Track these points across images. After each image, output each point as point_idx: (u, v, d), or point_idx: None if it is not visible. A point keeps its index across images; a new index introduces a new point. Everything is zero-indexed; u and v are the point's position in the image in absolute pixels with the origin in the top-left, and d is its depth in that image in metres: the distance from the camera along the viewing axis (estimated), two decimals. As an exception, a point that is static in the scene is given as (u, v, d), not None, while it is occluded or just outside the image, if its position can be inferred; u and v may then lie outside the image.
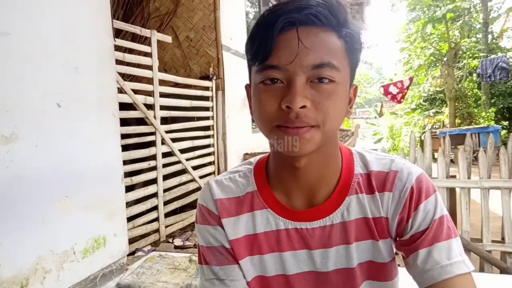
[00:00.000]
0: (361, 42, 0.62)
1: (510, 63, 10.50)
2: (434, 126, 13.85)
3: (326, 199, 0.68)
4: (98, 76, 2.06)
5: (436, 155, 3.11)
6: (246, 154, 4.52)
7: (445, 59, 13.96)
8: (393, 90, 9.71)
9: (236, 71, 4.39)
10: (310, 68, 0.56)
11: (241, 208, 0.71)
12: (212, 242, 0.71)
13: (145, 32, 2.96)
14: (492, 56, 11.43)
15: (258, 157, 0.77)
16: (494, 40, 14.88)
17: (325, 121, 0.58)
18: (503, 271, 2.83)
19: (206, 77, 3.87)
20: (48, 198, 1.71)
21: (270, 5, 6.33)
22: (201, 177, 3.66)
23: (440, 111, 14.31)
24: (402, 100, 9.98)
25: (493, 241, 3.03)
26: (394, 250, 0.71)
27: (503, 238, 3.02)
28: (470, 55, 13.99)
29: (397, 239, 0.68)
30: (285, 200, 0.69)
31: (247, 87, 0.70)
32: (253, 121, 5.32)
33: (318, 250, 0.68)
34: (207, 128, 3.83)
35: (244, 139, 4.55)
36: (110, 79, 2.19)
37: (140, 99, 2.83)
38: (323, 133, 0.59)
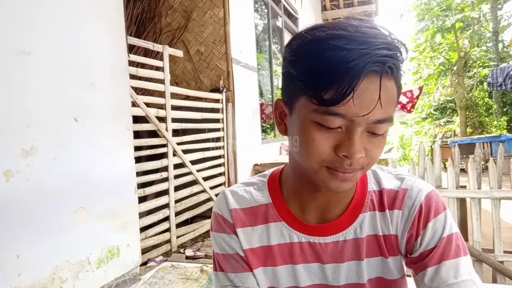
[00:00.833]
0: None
1: (522, 72, 10.37)
2: (445, 136, 13.70)
3: (340, 215, 0.69)
4: (112, 91, 2.14)
5: (447, 164, 3.09)
6: (256, 164, 4.56)
7: (455, 68, 13.88)
8: (403, 99, 9.63)
9: (246, 84, 4.47)
10: (374, 122, 0.55)
11: (255, 220, 0.72)
12: (228, 250, 0.73)
13: (158, 47, 3.05)
14: (503, 64, 11.32)
15: (271, 170, 0.79)
16: (504, 49, 14.76)
17: (370, 165, 0.59)
18: (517, 282, 2.78)
19: (216, 90, 3.95)
20: (65, 209, 1.77)
21: (279, 18, 6.43)
22: (211, 187, 3.70)
23: (451, 120, 14.17)
24: (412, 109, 9.88)
25: (505, 252, 2.98)
26: (405, 267, 0.72)
27: (516, 249, 2.98)
28: (480, 64, 13.88)
29: (407, 256, 0.69)
30: (299, 214, 0.70)
31: (280, 103, 0.64)
32: (263, 132, 5.37)
33: (330, 265, 0.69)
34: (217, 139, 3.89)
35: (253, 150, 4.60)
36: (124, 93, 2.27)
37: (152, 112, 2.91)
38: (364, 172, 0.61)
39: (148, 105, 2.89)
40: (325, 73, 0.52)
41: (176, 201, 3.23)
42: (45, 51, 1.69)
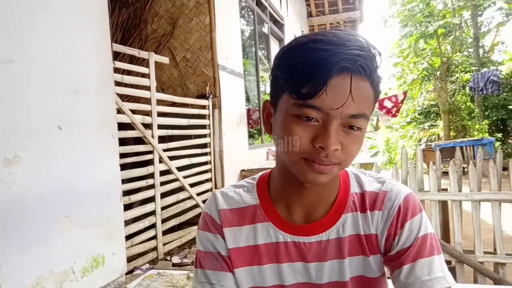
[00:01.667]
0: (380, 88, 0.66)
1: (501, 77, 10.69)
2: (429, 139, 13.96)
3: (323, 215, 0.73)
4: (98, 98, 2.14)
5: (429, 168, 3.17)
6: (243, 170, 4.58)
7: (438, 73, 14.19)
8: (388, 104, 9.82)
9: (232, 90, 4.50)
10: (348, 116, 0.59)
11: (243, 220, 0.75)
12: (210, 248, 0.76)
13: (143, 54, 3.05)
14: (484, 69, 11.65)
15: (260, 173, 0.82)
16: (485, 54, 15.17)
17: (347, 160, 0.63)
18: (496, 282, 2.86)
19: (202, 96, 3.96)
20: (49, 218, 1.76)
21: (265, 24, 6.50)
22: (198, 194, 3.70)
23: (435, 124, 14.45)
24: (397, 114, 10.07)
25: (485, 252, 3.06)
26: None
27: (495, 249, 3.06)
28: (462, 69, 14.22)
29: (386, 254, 0.72)
30: (285, 215, 0.74)
31: (267, 104, 0.70)
32: (250, 137, 5.40)
33: (313, 263, 0.72)
34: (204, 145, 3.89)
35: (240, 155, 4.62)
36: (110, 100, 2.27)
37: (138, 118, 2.90)
38: (341, 169, 0.65)
39: (134, 112, 2.89)
40: (302, 70, 0.58)
41: (163, 208, 3.22)
42: (28, 59, 1.68)
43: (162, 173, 3.22)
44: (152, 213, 3.09)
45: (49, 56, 1.81)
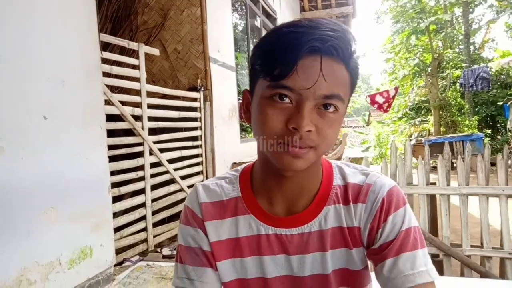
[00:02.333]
0: (359, 74, 0.66)
1: (491, 73, 10.81)
2: (420, 134, 14.10)
3: (305, 207, 0.71)
4: (85, 89, 2.11)
5: (418, 162, 3.19)
6: (234, 163, 4.57)
7: (429, 69, 14.30)
8: (379, 99, 9.87)
9: (224, 83, 4.47)
10: (322, 97, 0.59)
11: (225, 213, 0.74)
12: (191, 243, 0.75)
13: (133, 45, 3.01)
14: (474, 66, 11.76)
15: (244, 165, 0.81)
16: (476, 51, 15.31)
17: (322, 145, 0.62)
18: (482, 275, 2.91)
19: (194, 89, 3.93)
20: (34, 209, 1.73)
21: (258, 18, 6.47)
22: (189, 186, 3.68)
23: (425, 119, 14.59)
24: (388, 109, 10.14)
25: (472, 246, 3.11)
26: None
27: (482, 243, 3.11)
28: (453, 66, 14.35)
29: (369, 247, 0.71)
30: (267, 207, 0.72)
31: (246, 93, 0.71)
32: (241, 130, 5.38)
33: (295, 256, 0.71)
34: (195, 138, 3.87)
35: (232, 148, 4.61)
36: (97, 91, 2.23)
37: (128, 110, 2.87)
38: (318, 154, 0.63)
39: (124, 103, 2.85)
40: (274, 52, 0.59)
41: (153, 200, 3.20)
42: (10, 47, 1.64)
43: (153, 165, 3.19)
44: (143, 205, 3.07)
45: (33, 46, 1.77)
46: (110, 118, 2.90)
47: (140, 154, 3.06)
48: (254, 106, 0.66)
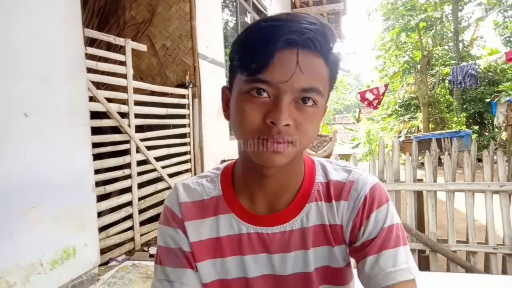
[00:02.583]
0: (339, 69, 0.65)
1: (479, 71, 10.94)
2: (409, 131, 14.24)
3: (287, 205, 0.70)
4: (68, 85, 2.06)
5: (406, 159, 3.21)
6: (223, 160, 4.54)
7: (418, 66, 14.43)
8: (370, 96, 9.95)
9: (213, 79, 4.43)
10: (299, 90, 0.58)
11: (205, 212, 0.73)
12: (170, 244, 0.73)
13: (119, 41, 2.96)
14: (463, 63, 11.89)
15: (227, 163, 0.79)
16: (465, 48, 15.50)
17: (302, 140, 0.60)
18: (468, 270, 2.95)
19: (182, 85, 3.88)
20: (15, 209, 1.69)
21: (248, 14, 6.42)
22: (177, 184, 3.65)
23: (414, 116, 14.74)
24: (378, 106, 10.23)
25: (458, 241, 3.15)
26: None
27: (468, 238, 3.15)
28: (442, 63, 14.51)
29: (351, 245, 0.71)
30: (248, 205, 0.71)
31: (225, 90, 0.70)
32: (230, 127, 5.35)
33: (277, 255, 0.70)
34: (183, 135, 3.83)
35: (221, 146, 4.58)
36: (81, 88, 2.19)
37: (114, 107, 2.82)
38: (298, 150, 0.62)
39: (110, 100, 2.80)
40: (251, 46, 0.59)
41: (140, 199, 3.16)
42: (-11, 42, 1.60)
43: (140, 163, 3.15)
44: (129, 203, 3.03)
45: (14, 39, 1.72)
46: (96, 115, 2.84)
47: (126, 152, 3.01)
48: (233, 102, 0.64)
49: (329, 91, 0.65)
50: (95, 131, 2.61)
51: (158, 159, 3.37)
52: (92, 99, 2.56)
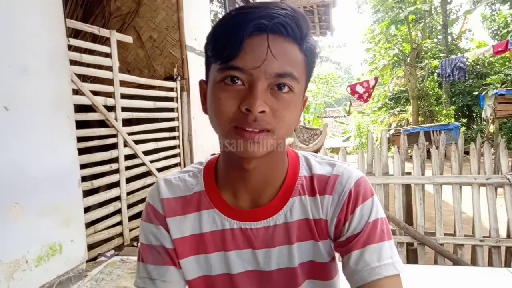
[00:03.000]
0: (317, 57, 0.64)
1: (467, 63, 11.06)
2: (399, 124, 14.37)
3: (270, 200, 0.69)
4: (50, 78, 2.00)
5: (394, 152, 3.23)
6: (213, 154, 4.48)
7: (408, 59, 14.52)
8: (360, 89, 9.99)
9: (201, 72, 4.36)
10: (273, 75, 0.57)
11: (188, 208, 0.71)
12: (152, 241, 0.72)
13: (104, 32, 2.89)
14: (452, 56, 12.00)
15: (210, 157, 0.78)
16: (453, 41, 15.64)
17: (279, 128, 0.59)
18: (455, 262, 2.99)
19: (170, 78, 3.83)
20: (-4, 205, 1.65)
21: (236, 5, 6.35)
22: (165, 178, 3.61)
23: (404, 109, 14.88)
24: (368, 99, 10.29)
25: (446, 234, 3.19)
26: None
27: (455, 231, 3.20)
28: (431, 56, 14.63)
29: (336, 240, 0.70)
30: (231, 200, 0.70)
31: (202, 83, 0.69)
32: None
33: (261, 250, 0.69)
34: (172, 129, 3.79)
35: (210, 139, 4.54)
36: (64, 80, 2.13)
37: (100, 100, 2.76)
38: (276, 139, 0.60)
39: (96, 93, 2.75)
40: (222, 34, 0.58)
41: (129, 193, 3.13)
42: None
43: (128, 157, 3.11)
44: (117, 198, 2.99)
45: (-8, 30, 1.66)
46: (82, 108, 2.79)
47: (114, 146, 2.97)
48: (208, 93, 0.63)
49: (307, 79, 0.64)
50: (83, 125, 2.56)
51: (146, 153, 3.33)
52: (77, 92, 2.51)
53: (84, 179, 2.41)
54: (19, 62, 1.79)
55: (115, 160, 2.97)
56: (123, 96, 3.04)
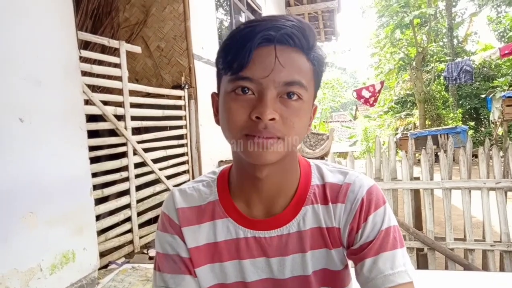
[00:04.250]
0: (325, 65, 0.67)
1: (474, 66, 10.99)
2: (406, 128, 14.29)
3: (283, 208, 0.70)
4: (62, 89, 2.05)
5: (402, 157, 3.22)
6: (221, 161, 4.54)
7: (413, 63, 14.46)
8: (366, 94, 9.97)
9: (208, 80, 4.43)
10: (282, 84, 0.59)
11: (202, 217, 0.73)
12: (168, 250, 0.73)
13: (113, 43, 2.94)
14: (458, 59, 11.94)
15: (223, 166, 0.79)
16: (459, 44, 15.56)
17: (290, 135, 0.60)
18: (466, 267, 2.97)
19: (178, 87, 3.88)
20: (12, 215, 1.68)
21: (242, 14, 6.42)
22: (175, 186, 3.64)
23: (411, 113, 14.79)
24: (374, 103, 10.26)
25: (456, 239, 3.16)
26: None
27: (465, 236, 3.17)
28: (437, 59, 14.56)
29: (349, 248, 0.71)
30: (245, 209, 0.71)
31: (214, 96, 0.71)
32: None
33: (275, 258, 0.71)
34: (180, 137, 3.83)
35: (218, 146, 4.57)
36: (76, 91, 2.18)
37: (110, 110, 2.81)
38: (287, 146, 0.61)
39: (106, 103, 2.80)
40: (232, 47, 0.61)
41: (138, 201, 3.16)
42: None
43: (137, 165, 3.15)
44: (127, 206, 3.02)
45: (7, 43, 1.71)
46: (93, 118, 2.84)
47: (124, 155, 3.01)
48: (220, 104, 0.66)
49: (315, 87, 0.66)
50: (92, 134, 2.60)
51: (155, 161, 3.37)
52: (87, 102, 2.55)
53: (94, 187, 2.45)
54: (33, 74, 1.84)
55: (125, 168, 3.01)
56: (132, 105, 3.09)
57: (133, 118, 3.10)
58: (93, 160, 2.56)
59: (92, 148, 2.53)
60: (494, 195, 3.07)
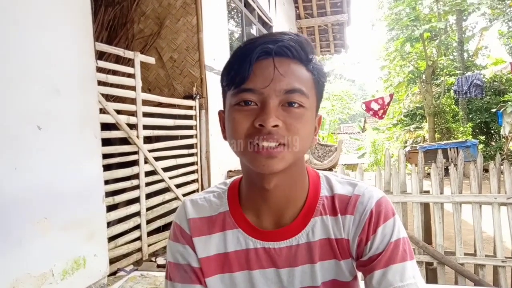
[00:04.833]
0: (325, 76, 0.69)
1: (484, 80, 10.92)
2: (415, 141, 14.18)
3: (293, 220, 0.71)
4: (79, 98, 2.11)
5: (412, 170, 3.21)
6: (230, 171, 4.57)
7: (423, 76, 14.43)
8: (375, 106, 9.97)
9: (219, 91, 4.47)
10: (283, 92, 0.61)
11: (213, 228, 0.75)
12: (180, 260, 0.75)
13: (128, 54, 3.02)
14: (468, 73, 11.88)
15: (233, 178, 0.81)
16: (469, 58, 15.49)
17: (294, 141, 0.62)
18: (476, 283, 2.92)
19: (189, 97, 3.94)
20: (27, 220, 1.72)
21: (254, 26, 6.52)
22: (184, 195, 3.68)
23: (420, 126, 14.69)
24: (383, 116, 10.24)
25: (466, 254, 3.12)
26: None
27: (476, 251, 3.13)
28: (447, 73, 14.50)
29: (358, 259, 0.71)
30: (255, 221, 0.73)
31: (221, 113, 0.74)
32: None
33: (285, 269, 0.72)
34: (190, 146, 3.87)
35: (228, 156, 4.60)
36: (92, 100, 2.24)
37: (123, 119, 2.87)
38: (293, 153, 0.63)
39: (119, 112, 2.86)
40: (234, 63, 0.65)
41: (148, 209, 3.19)
42: (3, 55, 1.64)
43: (148, 173, 3.19)
44: (137, 214, 3.06)
45: (27, 53, 1.76)
46: (106, 126, 2.90)
47: (135, 163, 3.06)
48: (226, 118, 0.69)
49: (318, 96, 0.68)
50: (104, 142, 2.65)
51: (165, 169, 3.41)
52: (101, 111, 2.62)
53: (105, 194, 2.49)
54: (52, 84, 1.90)
55: (136, 176, 3.05)
56: (145, 114, 3.15)
57: (145, 127, 3.16)
58: (105, 168, 2.61)
59: (104, 156, 2.58)
60: (505, 211, 3.03)
